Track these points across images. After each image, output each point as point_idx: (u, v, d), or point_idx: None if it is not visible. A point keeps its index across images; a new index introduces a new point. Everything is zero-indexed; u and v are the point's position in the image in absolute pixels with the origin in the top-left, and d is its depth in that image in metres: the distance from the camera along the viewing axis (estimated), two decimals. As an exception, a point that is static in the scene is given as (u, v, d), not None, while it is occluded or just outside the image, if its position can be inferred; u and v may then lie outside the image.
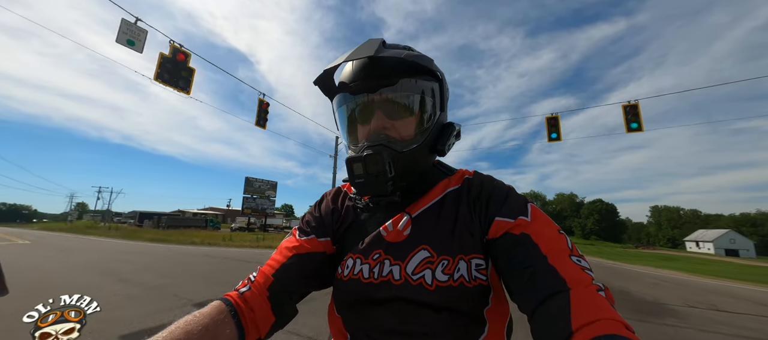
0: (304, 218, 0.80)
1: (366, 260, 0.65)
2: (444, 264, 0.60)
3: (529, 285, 0.52)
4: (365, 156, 0.62)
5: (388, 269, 0.63)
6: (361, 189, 0.66)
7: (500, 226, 0.60)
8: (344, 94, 0.69)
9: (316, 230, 0.74)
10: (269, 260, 0.71)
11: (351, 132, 0.72)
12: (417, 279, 0.60)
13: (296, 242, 0.72)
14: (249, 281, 0.67)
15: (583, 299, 0.46)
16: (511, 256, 0.56)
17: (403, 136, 0.67)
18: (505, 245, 0.58)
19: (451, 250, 0.62)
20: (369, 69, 0.66)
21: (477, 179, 0.72)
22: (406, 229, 0.66)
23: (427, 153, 0.70)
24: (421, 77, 0.67)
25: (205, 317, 0.55)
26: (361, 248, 0.67)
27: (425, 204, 0.69)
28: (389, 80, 0.65)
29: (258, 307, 0.62)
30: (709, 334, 4.57)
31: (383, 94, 0.65)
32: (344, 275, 0.67)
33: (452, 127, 0.73)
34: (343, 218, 0.76)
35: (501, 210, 0.62)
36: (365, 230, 0.70)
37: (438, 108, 0.71)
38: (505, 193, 0.66)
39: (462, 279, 0.59)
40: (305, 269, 0.69)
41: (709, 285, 10.78)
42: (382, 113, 0.66)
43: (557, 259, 0.53)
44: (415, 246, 0.64)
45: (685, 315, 5.74)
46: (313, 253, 0.70)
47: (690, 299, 7.48)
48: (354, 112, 0.70)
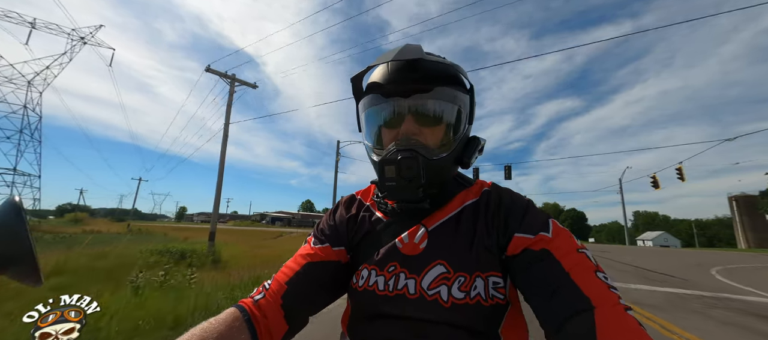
0: (318, 225, 0.78)
1: (381, 271, 0.64)
2: (460, 281, 0.58)
3: (550, 304, 0.50)
4: (400, 159, 0.60)
5: (403, 282, 0.61)
6: (392, 193, 0.64)
7: (519, 242, 0.58)
8: (375, 95, 0.67)
9: (330, 238, 0.72)
10: (283, 267, 0.69)
11: (377, 135, 0.69)
12: (432, 295, 0.59)
13: (310, 250, 0.70)
14: (264, 288, 0.65)
15: (610, 320, 0.44)
16: (531, 273, 0.54)
17: (432, 144, 0.64)
18: (524, 262, 0.56)
19: (468, 266, 0.60)
20: (405, 73, 0.64)
21: (495, 192, 0.69)
22: (423, 242, 0.64)
23: (452, 165, 0.68)
24: (455, 87, 0.65)
25: (220, 324, 0.54)
26: (376, 259, 0.65)
27: (442, 217, 0.67)
28: (424, 87, 0.63)
29: (272, 315, 0.61)
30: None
31: (417, 99, 0.63)
32: (359, 285, 0.66)
33: (477, 141, 0.71)
34: (358, 227, 0.73)
35: (520, 226, 0.60)
36: (381, 241, 0.68)
37: (466, 120, 0.69)
38: (525, 208, 0.64)
39: (479, 297, 0.57)
40: (318, 277, 0.67)
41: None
42: (412, 119, 0.64)
43: (580, 276, 0.50)
44: (432, 261, 0.61)
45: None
46: (327, 262, 0.69)
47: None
48: (384, 114, 0.67)
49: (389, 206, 0.71)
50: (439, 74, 0.64)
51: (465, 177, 0.77)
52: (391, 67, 0.66)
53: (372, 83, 0.68)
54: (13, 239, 0.41)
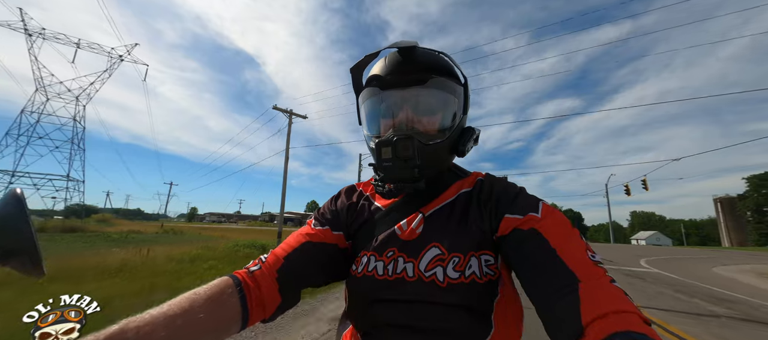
0: (319, 209, 0.79)
1: (380, 257, 0.64)
2: (455, 261, 0.59)
3: (538, 281, 0.50)
4: (396, 140, 0.62)
5: (402, 266, 0.62)
6: (388, 172, 0.64)
7: (509, 223, 0.58)
8: (374, 87, 0.68)
9: (330, 222, 0.73)
10: (282, 244, 0.69)
11: (376, 124, 0.71)
12: (429, 276, 0.59)
13: (311, 231, 0.71)
14: (260, 261, 0.65)
15: (595, 292, 0.44)
16: (519, 252, 0.55)
17: (428, 132, 0.66)
18: (514, 241, 0.57)
19: (462, 247, 0.60)
20: (402, 65, 0.65)
21: (488, 179, 0.71)
22: (419, 227, 0.65)
23: (448, 152, 0.69)
24: (450, 79, 0.67)
25: (211, 288, 0.54)
26: (375, 245, 0.66)
27: (438, 204, 0.68)
28: (421, 77, 0.64)
29: (266, 286, 0.60)
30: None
31: (413, 91, 0.65)
32: (359, 272, 0.65)
33: (472, 131, 0.72)
34: (357, 215, 0.74)
35: (511, 208, 0.60)
36: (380, 229, 0.69)
37: (461, 111, 0.70)
38: (516, 192, 0.64)
39: (473, 276, 0.58)
40: (316, 257, 0.67)
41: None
42: (409, 109, 0.66)
43: (567, 253, 0.50)
44: (427, 243, 0.62)
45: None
46: (326, 243, 0.69)
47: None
48: (382, 105, 0.68)
49: (386, 188, 0.70)
50: (435, 66, 0.66)
51: (461, 169, 0.79)
52: (389, 59, 0.67)
53: (371, 76, 0.70)
54: (15, 231, 0.40)
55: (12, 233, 0.41)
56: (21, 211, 0.41)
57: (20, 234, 0.41)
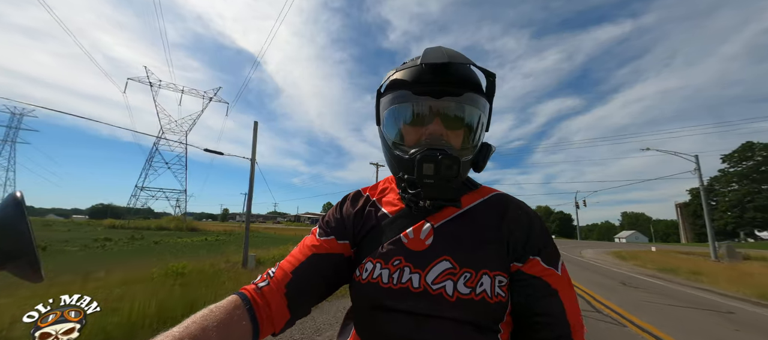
0: (324, 217, 0.76)
1: (386, 265, 0.62)
2: (466, 277, 0.58)
3: (542, 333, 0.57)
4: (441, 159, 0.59)
5: (407, 276, 0.60)
6: (429, 190, 0.62)
7: (536, 266, 0.61)
8: (404, 91, 0.65)
9: (336, 231, 0.71)
10: (288, 257, 0.68)
11: (398, 129, 0.68)
12: (437, 289, 0.58)
13: (316, 242, 0.69)
14: (268, 276, 0.64)
15: None
16: (536, 300, 0.59)
17: (457, 147, 0.65)
18: (534, 286, 0.60)
19: (475, 264, 0.60)
20: (438, 75, 0.63)
21: (508, 202, 0.71)
22: (428, 238, 0.64)
23: (469, 168, 0.69)
24: (481, 94, 0.66)
25: (221, 311, 0.53)
26: (381, 252, 0.64)
27: (448, 215, 0.67)
28: (456, 90, 0.63)
29: (275, 303, 0.60)
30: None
31: (447, 102, 0.63)
32: (362, 278, 0.64)
33: (490, 148, 0.71)
34: (364, 222, 0.72)
35: (541, 252, 0.63)
36: (386, 236, 0.67)
37: (485, 127, 0.69)
38: (545, 234, 0.66)
39: (484, 294, 0.57)
40: (322, 269, 0.67)
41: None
42: (440, 121, 0.63)
43: (571, 311, 0.58)
44: (437, 256, 0.61)
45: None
46: (332, 254, 0.68)
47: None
48: (412, 112, 0.66)
49: (420, 204, 0.68)
50: (470, 80, 0.65)
51: (470, 180, 0.78)
52: (425, 67, 0.64)
53: (401, 80, 0.66)
54: (13, 235, 0.39)
55: (11, 236, 0.40)
56: (20, 214, 0.40)
57: (20, 238, 0.40)
